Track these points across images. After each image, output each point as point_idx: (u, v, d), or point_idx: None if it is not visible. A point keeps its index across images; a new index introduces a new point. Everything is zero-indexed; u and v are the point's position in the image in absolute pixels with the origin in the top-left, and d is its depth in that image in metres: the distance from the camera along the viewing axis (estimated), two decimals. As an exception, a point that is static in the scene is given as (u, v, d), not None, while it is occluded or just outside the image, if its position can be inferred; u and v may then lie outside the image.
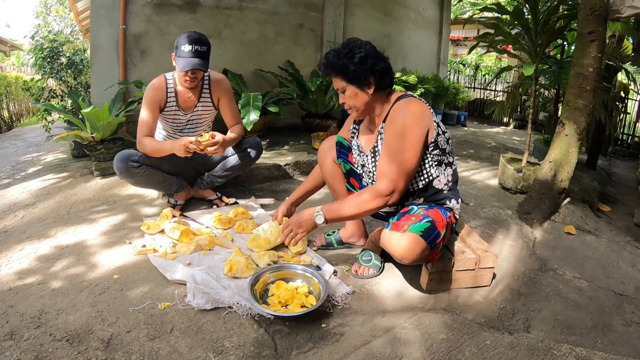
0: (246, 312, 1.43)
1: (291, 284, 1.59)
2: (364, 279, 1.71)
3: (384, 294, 1.63)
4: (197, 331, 1.34)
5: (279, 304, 1.48)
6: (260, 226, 1.94)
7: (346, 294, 1.59)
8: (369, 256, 1.77)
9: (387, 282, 1.71)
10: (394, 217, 1.55)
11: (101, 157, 2.90)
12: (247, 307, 1.45)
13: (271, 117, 3.77)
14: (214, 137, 2.02)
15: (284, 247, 1.93)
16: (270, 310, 1.41)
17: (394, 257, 1.49)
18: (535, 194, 2.55)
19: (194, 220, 2.21)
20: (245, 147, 2.31)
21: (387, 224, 1.54)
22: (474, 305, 1.59)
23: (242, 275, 1.64)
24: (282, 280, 1.61)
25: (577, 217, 2.52)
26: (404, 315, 1.47)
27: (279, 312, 1.42)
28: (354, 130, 1.77)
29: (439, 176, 1.58)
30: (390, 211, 1.69)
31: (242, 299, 1.48)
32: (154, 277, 1.64)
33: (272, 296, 1.53)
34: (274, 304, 1.48)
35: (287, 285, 1.58)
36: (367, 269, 1.74)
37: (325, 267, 1.74)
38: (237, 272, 1.64)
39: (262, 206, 2.47)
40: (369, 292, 1.63)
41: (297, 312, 1.42)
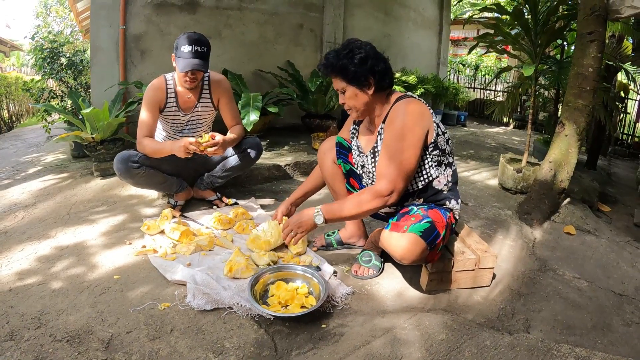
0: (246, 313, 1.43)
1: (291, 284, 1.60)
2: (364, 280, 1.71)
3: (384, 294, 1.63)
4: (197, 332, 1.34)
5: (278, 304, 1.48)
6: (259, 226, 1.95)
7: (346, 294, 1.59)
8: (369, 257, 1.77)
9: (387, 283, 1.71)
10: (393, 218, 1.56)
11: (101, 157, 2.90)
12: (247, 307, 1.45)
13: (271, 117, 3.77)
14: (214, 138, 2.02)
15: (284, 247, 1.93)
16: (270, 310, 1.41)
17: (393, 258, 1.49)
18: (535, 194, 2.55)
19: (194, 220, 2.21)
20: (245, 147, 2.31)
21: (386, 225, 1.55)
22: (473, 305, 1.59)
23: (242, 275, 1.64)
24: (282, 280, 1.62)
25: (577, 217, 2.52)
26: (403, 315, 1.47)
27: (279, 312, 1.42)
28: (353, 130, 1.77)
29: (438, 177, 1.58)
30: (390, 211, 1.69)
31: (242, 299, 1.48)
32: (154, 278, 1.64)
33: (272, 297, 1.53)
34: (274, 304, 1.48)
35: (287, 285, 1.58)
36: (367, 269, 1.74)
37: (325, 267, 1.74)
38: (237, 273, 1.64)
39: (262, 207, 2.47)
40: (368, 293, 1.63)
41: (297, 312, 1.42)
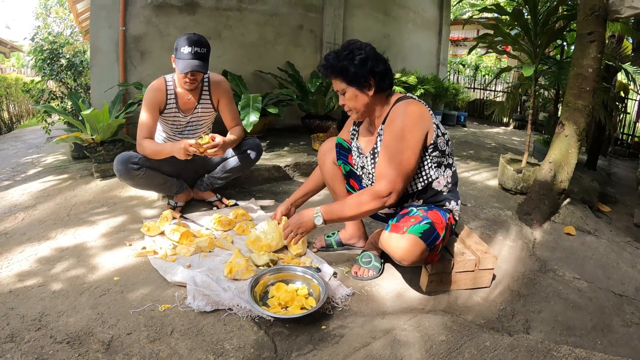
0: (246, 314, 1.43)
1: (291, 285, 1.60)
2: (364, 281, 1.71)
3: (384, 295, 1.63)
4: (197, 333, 1.34)
5: (278, 305, 1.48)
6: (258, 225, 1.94)
7: (346, 295, 1.59)
8: (369, 258, 1.77)
9: (387, 284, 1.71)
10: (393, 219, 1.56)
11: (101, 158, 2.90)
12: (247, 309, 1.45)
13: (271, 118, 3.77)
14: (214, 139, 2.03)
15: (284, 248, 1.93)
16: (270, 312, 1.41)
17: (393, 259, 1.49)
18: (535, 194, 2.55)
19: (194, 222, 2.21)
20: (245, 148, 2.31)
21: (386, 226, 1.55)
22: (473, 306, 1.59)
23: (242, 277, 1.64)
24: (282, 282, 1.62)
25: (577, 217, 2.52)
26: (403, 316, 1.47)
27: (279, 314, 1.42)
28: (353, 131, 1.77)
29: (438, 178, 1.58)
30: (389, 212, 1.69)
31: (242, 301, 1.48)
32: (154, 279, 1.64)
33: (272, 298, 1.54)
34: (274, 305, 1.48)
35: (287, 287, 1.58)
36: (367, 270, 1.74)
37: (325, 268, 1.74)
38: (237, 274, 1.64)
39: (262, 208, 2.47)
40: (368, 294, 1.63)
41: (297, 314, 1.42)
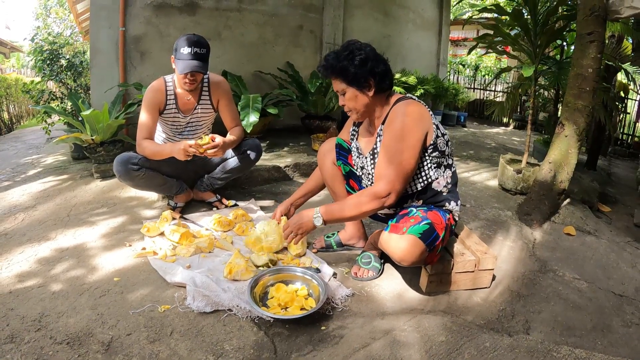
0: (246, 315, 1.43)
1: (291, 286, 1.60)
2: (364, 281, 1.71)
3: (384, 296, 1.63)
4: (197, 334, 1.34)
5: (278, 306, 1.48)
6: (258, 225, 1.94)
7: (345, 296, 1.59)
8: (369, 258, 1.77)
9: (387, 284, 1.71)
10: (393, 219, 1.56)
11: (101, 159, 2.90)
12: (246, 309, 1.45)
13: (271, 118, 3.77)
14: (214, 140, 2.03)
15: (283, 249, 1.93)
16: (269, 312, 1.41)
17: (393, 259, 1.49)
18: (535, 195, 2.55)
19: (193, 222, 2.21)
20: (244, 149, 2.32)
21: (386, 226, 1.55)
22: (473, 307, 1.59)
23: (241, 277, 1.64)
24: (282, 282, 1.62)
25: (577, 217, 2.52)
26: (403, 317, 1.47)
27: (279, 314, 1.42)
28: (353, 132, 1.77)
29: (437, 178, 1.58)
30: (389, 213, 1.69)
31: (242, 301, 1.48)
32: (153, 280, 1.64)
33: (271, 299, 1.54)
34: (274, 306, 1.48)
35: (287, 287, 1.58)
36: (367, 271, 1.74)
37: (324, 269, 1.74)
38: (237, 275, 1.64)
39: (262, 208, 2.47)
40: (368, 295, 1.63)
41: (296, 314, 1.42)
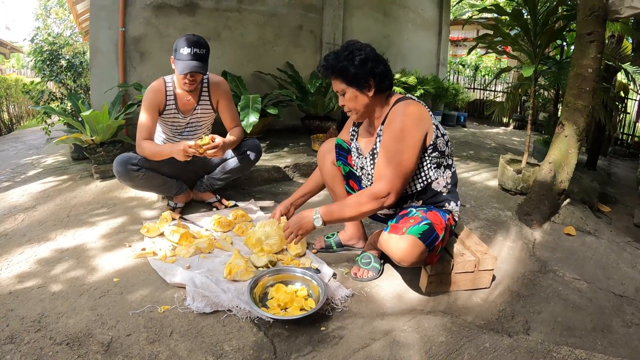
0: (245, 316, 1.43)
1: (290, 287, 1.59)
2: (363, 282, 1.71)
3: (383, 296, 1.63)
4: (197, 335, 1.34)
5: (278, 307, 1.48)
6: (258, 224, 1.93)
7: (345, 296, 1.59)
8: (368, 259, 1.77)
9: (387, 285, 1.71)
10: (392, 220, 1.55)
11: (101, 159, 2.90)
12: (246, 310, 1.45)
13: (270, 119, 3.77)
14: (213, 140, 2.03)
15: (283, 249, 1.93)
16: (269, 313, 1.41)
17: (392, 260, 1.49)
18: (534, 195, 2.54)
19: (193, 223, 2.21)
20: (244, 149, 2.32)
21: (386, 227, 1.54)
22: (473, 307, 1.59)
23: (241, 278, 1.64)
24: (282, 283, 1.61)
25: (577, 218, 2.52)
26: (403, 318, 1.47)
27: (278, 315, 1.42)
28: (353, 132, 1.77)
29: (437, 179, 1.58)
30: (389, 213, 1.69)
31: (242, 302, 1.48)
32: (153, 281, 1.64)
33: (271, 299, 1.53)
34: (273, 307, 1.48)
35: (287, 288, 1.58)
36: (367, 271, 1.74)
37: (324, 269, 1.74)
38: (237, 275, 1.64)
39: (262, 209, 2.47)
40: (368, 295, 1.63)
41: (296, 315, 1.42)
